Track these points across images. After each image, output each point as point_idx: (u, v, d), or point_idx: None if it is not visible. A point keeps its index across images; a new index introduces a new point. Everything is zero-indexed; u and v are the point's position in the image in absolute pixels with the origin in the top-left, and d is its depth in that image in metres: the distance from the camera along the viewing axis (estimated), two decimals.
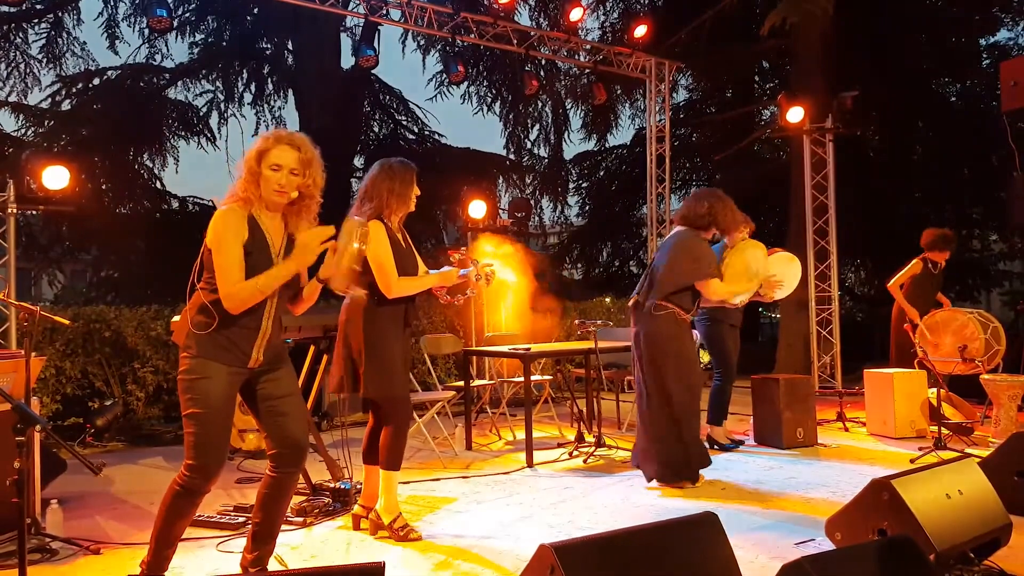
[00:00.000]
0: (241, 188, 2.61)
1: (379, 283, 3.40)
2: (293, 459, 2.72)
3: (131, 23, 12.66)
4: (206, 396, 2.54)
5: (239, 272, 2.53)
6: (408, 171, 3.53)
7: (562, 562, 2.10)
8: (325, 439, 4.51)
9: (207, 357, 2.56)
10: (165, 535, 2.63)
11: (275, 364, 2.73)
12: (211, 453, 2.57)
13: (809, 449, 5.41)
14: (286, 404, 2.71)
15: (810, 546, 3.24)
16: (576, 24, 8.95)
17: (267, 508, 2.74)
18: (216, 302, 2.55)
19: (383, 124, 14.87)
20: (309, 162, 2.66)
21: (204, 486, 2.59)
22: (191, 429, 2.55)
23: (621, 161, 16.05)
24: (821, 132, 8.69)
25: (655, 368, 4.35)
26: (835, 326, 8.78)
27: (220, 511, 3.86)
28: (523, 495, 4.30)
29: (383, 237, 3.40)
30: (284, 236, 2.69)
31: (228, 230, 2.54)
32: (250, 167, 2.61)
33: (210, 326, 2.55)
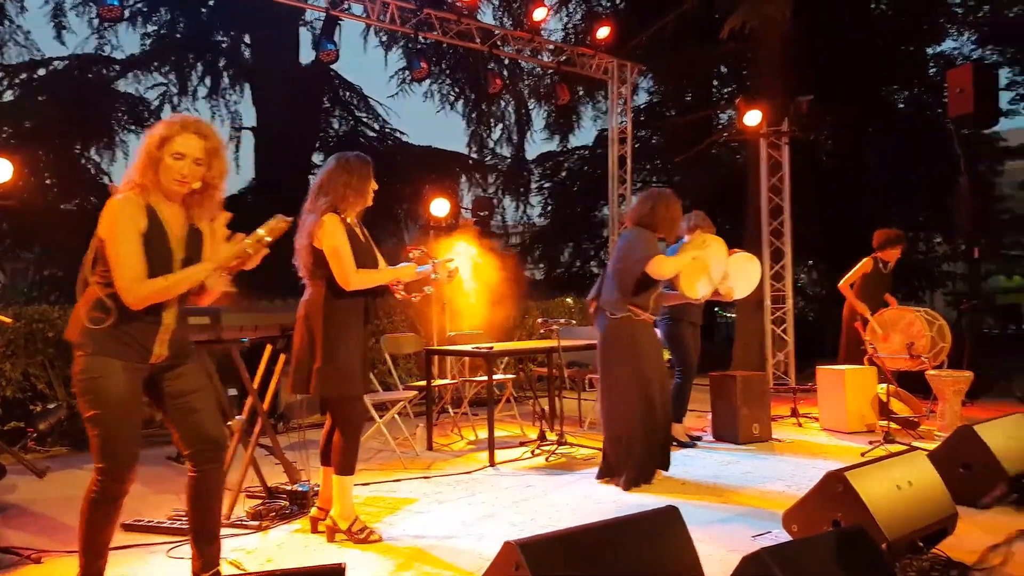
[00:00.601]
0: (138, 174, 2.47)
1: (336, 275, 3.33)
2: (212, 455, 2.61)
3: (79, 12, 12.33)
4: (106, 396, 2.40)
5: (139, 264, 2.40)
6: (364, 165, 3.48)
7: (527, 559, 2.10)
8: (282, 441, 4.44)
9: (104, 354, 2.42)
10: (91, 546, 2.51)
11: (180, 359, 2.60)
12: (119, 455, 2.44)
13: (765, 444, 5.52)
14: (196, 400, 2.59)
15: (767, 538, 3.30)
16: (540, 24, 8.98)
17: (200, 510, 2.64)
18: (109, 296, 2.42)
19: (343, 121, 14.72)
20: (215, 151, 2.55)
21: (119, 489, 2.47)
22: (95, 432, 2.42)
23: (583, 162, 16.17)
24: (777, 135, 8.86)
25: (610, 369, 4.41)
26: (789, 325, 8.97)
27: (171, 516, 3.75)
28: (485, 494, 4.29)
29: (340, 229, 3.35)
30: (185, 226, 2.56)
31: (124, 219, 2.40)
32: (150, 153, 2.47)
33: (105, 322, 2.42)
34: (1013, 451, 3.70)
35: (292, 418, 6.54)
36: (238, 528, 3.61)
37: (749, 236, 9.43)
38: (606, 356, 4.43)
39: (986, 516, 3.56)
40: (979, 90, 6.86)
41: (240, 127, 13.73)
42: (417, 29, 8.27)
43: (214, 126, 2.58)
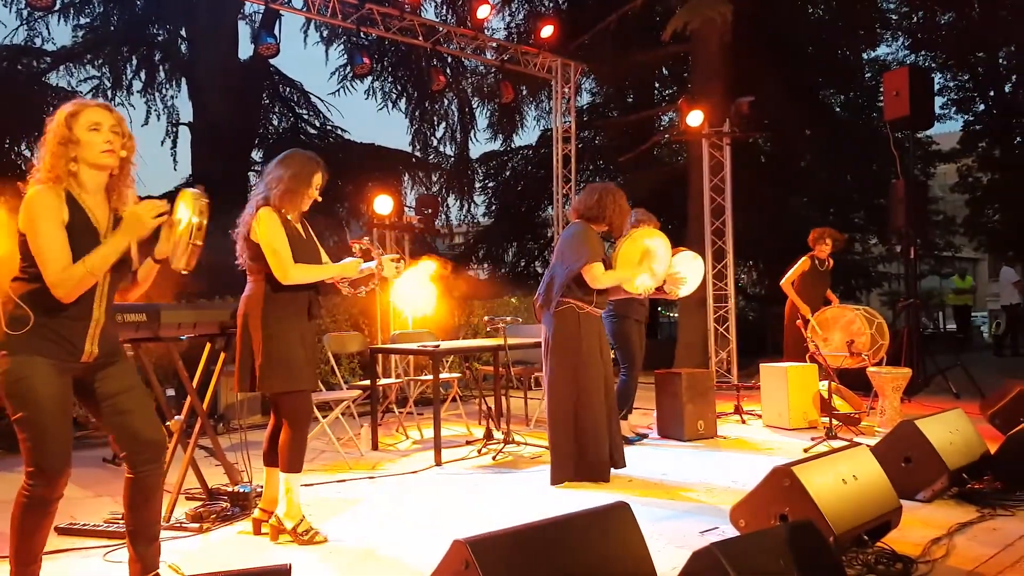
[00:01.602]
0: (48, 166, 2.35)
1: (273, 269, 3.25)
2: (147, 456, 2.51)
3: (7, 2, 11.79)
4: (33, 396, 2.30)
5: (65, 255, 2.29)
6: (307, 165, 3.40)
7: (477, 557, 2.06)
8: (223, 442, 4.30)
9: (29, 353, 2.30)
10: (24, 552, 2.40)
11: (111, 357, 2.50)
12: (50, 457, 2.33)
13: (710, 441, 5.59)
14: (128, 400, 2.49)
15: (715, 534, 3.32)
16: (483, 22, 8.95)
17: (138, 511, 2.54)
18: (34, 293, 2.31)
19: (283, 117, 14.42)
20: (123, 121, 2.47)
21: (51, 493, 2.37)
22: (24, 435, 2.31)
23: (527, 162, 16.20)
24: (719, 136, 9.02)
25: (551, 364, 4.37)
26: (731, 323, 9.13)
27: (107, 519, 3.61)
28: (432, 494, 4.23)
29: (275, 223, 3.27)
30: (110, 215, 2.46)
31: (44, 210, 2.28)
32: (60, 135, 2.36)
33: (27, 321, 2.30)
34: (953, 445, 3.80)
35: (232, 419, 6.36)
36: (177, 531, 3.51)
37: (691, 235, 9.58)
38: (549, 347, 4.40)
39: (928, 509, 3.64)
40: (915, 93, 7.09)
41: (177, 122, 13.34)
42: (359, 24, 8.15)
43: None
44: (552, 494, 4.16)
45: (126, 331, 3.39)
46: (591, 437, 4.31)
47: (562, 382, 4.33)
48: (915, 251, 7.93)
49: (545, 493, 4.18)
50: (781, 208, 13.32)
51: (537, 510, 3.82)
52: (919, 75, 7.55)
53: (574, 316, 4.32)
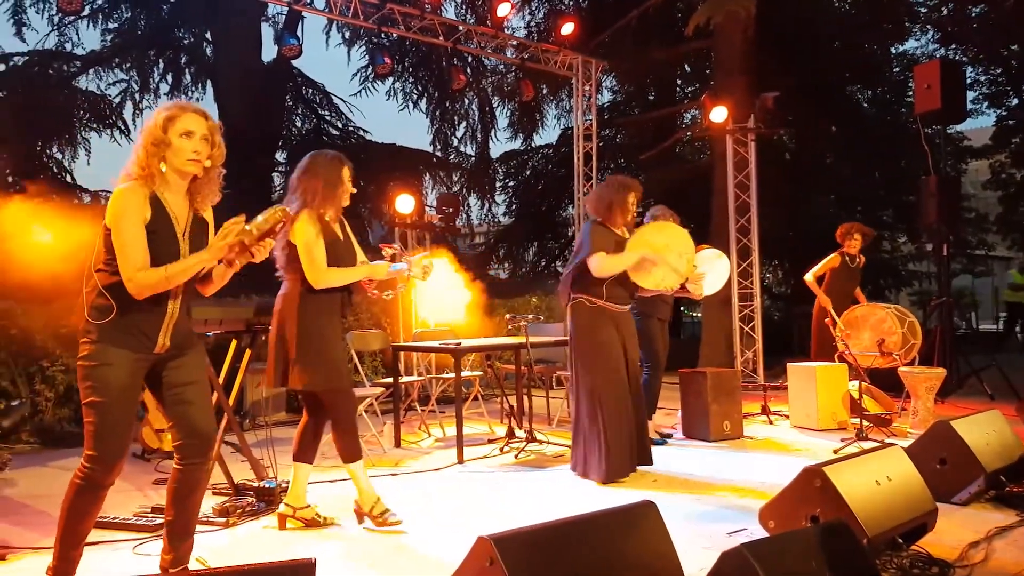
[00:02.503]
0: (140, 164, 2.43)
1: (307, 273, 3.33)
2: (199, 450, 2.56)
3: (39, 9, 12.00)
4: (106, 384, 2.38)
5: (143, 254, 2.37)
6: (336, 167, 3.46)
7: (501, 554, 2.04)
8: (248, 438, 4.32)
9: (108, 343, 2.39)
10: (70, 535, 2.47)
11: (182, 350, 2.57)
12: (111, 443, 2.40)
13: (736, 441, 5.52)
14: (191, 392, 2.56)
15: (742, 535, 3.27)
16: (503, 20, 8.93)
17: (179, 504, 2.59)
18: (116, 285, 2.38)
19: (306, 119, 14.53)
20: (216, 130, 2.54)
21: (106, 478, 2.44)
22: (91, 419, 2.39)
23: (547, 161, 16.15)
24: (743, 132, 8.92)
25: (572, 360, 4.44)
26: (757, 322, 9.02)
27: (137, 513, 3.66)
28: (455, 491, 4.22)
29: (311, 226, 3.34)
30: (190, 215, 2.53)
31: (128, 208, 2.37)
32: (155, 137, 2.42)
33: (110, 311, 2.38)
34: (990, 447, 3.71)
35: (257, 415, 6.40)
36: (204, 524, 3.53)
37: (715, 233, 9.48)
38: (570, 346, 4.46)
39: (965, 513, 3.55)
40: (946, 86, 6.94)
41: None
42: (380, 24, 8.16)
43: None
44: (575, 493, 4.12)
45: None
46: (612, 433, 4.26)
47: (580, 376, 4.34)
48: (947, 248, 7.77)
49: (568, 492, 4.15)
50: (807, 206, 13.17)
51: (560, 509, 3.79)
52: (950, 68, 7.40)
53: (586, 311, 4.35)
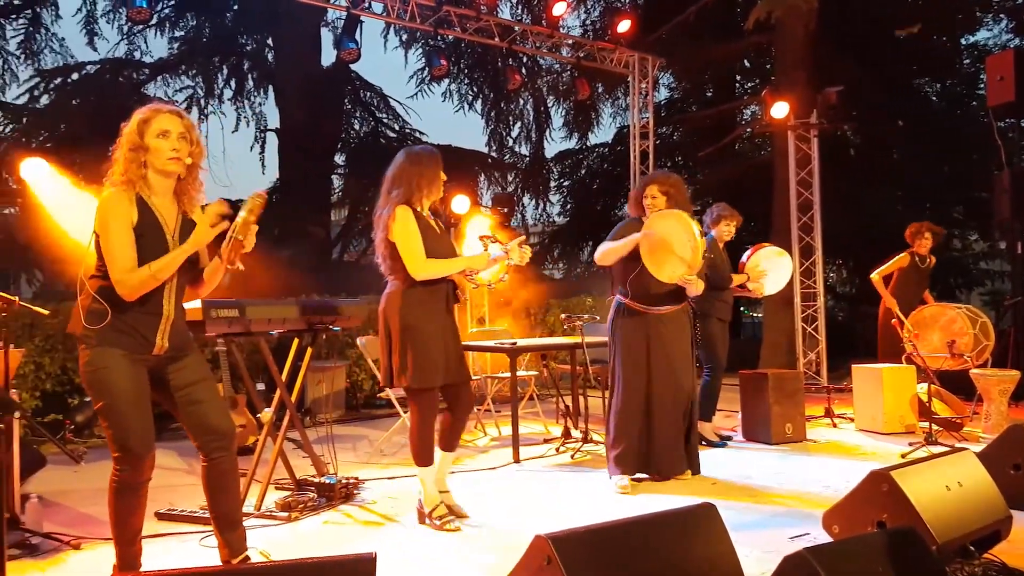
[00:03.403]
0: (121, 170, 2.47)
1: (407, 266, 3.38)
2: (218, 444, 2.61)
3: (110, 19, 12.49)
4: (112, 386, 2.42)
5: (130, 256, 2.40)
6: (433, 157, 3.53)
7: (559, 552, 2.04)
8: (309, 435, 4.41)
9: (106, 346, 2.43)
10: (123, 533, 2.55)
11: (182, 351, 2.61)
12: (131, 442, 2.45)
13: (798, 444, 5.39)
14: (199, 391, 2.60)
15: (805, 539, 3.19)
16: (559, 19, 8.90)
17: (217, 498, 2.65)
18: (107, 289, 2.42)
19: (364, 121, 14.75)
20: (192, 127, 2.55)
21: (137, 476, 2.49)
22: (106, 422, 2.44)
23: (602, 160, 16.05)
24: (806, 128, 8.71)
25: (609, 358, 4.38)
26: (820, 322, 8.80)
27: (202, 506, 3.75)
28: (511, 490, 4.23)
29: (410, 220, 3.39)
30: (178, 217, 2.56)
31: (114, 212, 2.41)
32: (132, 142, 2.46)
33: (105, 315, 2.42)
34: None
35: (318, 412, 6.53)
36: (268, 519, 3.62)
37: (777, 231, 9.29)
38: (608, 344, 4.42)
39: None
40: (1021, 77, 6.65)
41: (265, 129, 13.82)
42: (436, 26, 8.24)
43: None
44: (633, 494, 4.09)
45: (219, 326, 3.52)
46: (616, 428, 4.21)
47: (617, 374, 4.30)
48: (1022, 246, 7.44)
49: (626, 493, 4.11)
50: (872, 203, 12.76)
51: (617, 509, 3.77)
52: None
53: (620, 311, 4.30)
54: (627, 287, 4.25)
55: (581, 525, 2.23)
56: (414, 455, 3.53)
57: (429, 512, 3.53)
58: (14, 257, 11.28)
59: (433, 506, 3.53)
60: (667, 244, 4.07)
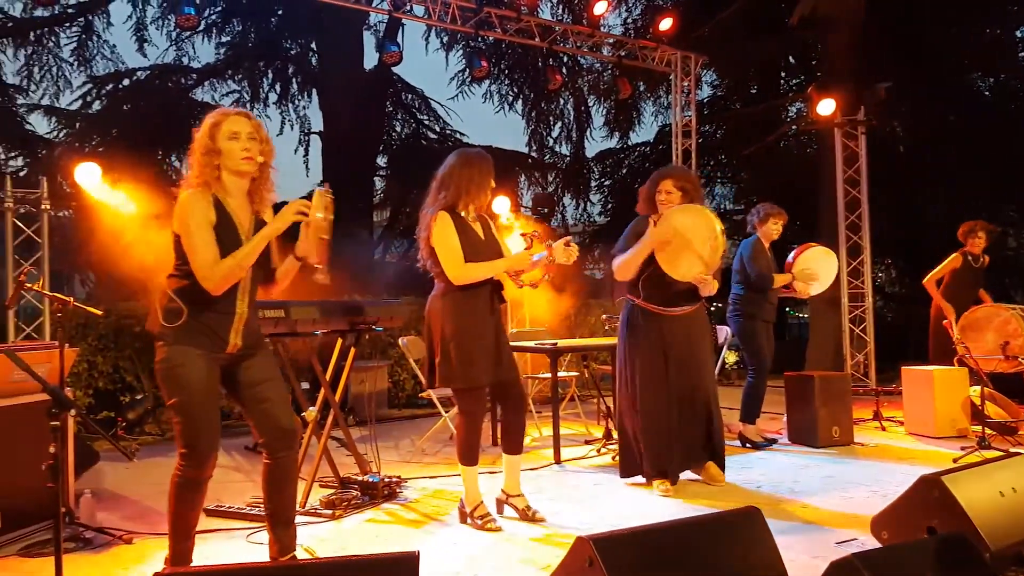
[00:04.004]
0: (196, 174, 2.54)
1: (446, 270, 3.40)
2: (283, 443, 2.67)
3: (159, 26, 12.80)
4: (186, 383, 2.48)
5: (213, 252, 2.46)
6: (485, 163, 3.53)
7: (600, 554, 2.04)
8: (353, 434, 4.47)
9: (182, 343, 2.50)
10: (179, 528, 2.61)
11: (253, 349, 2.67)
12: (199, 439, 2.51)
13: (846, 448, 5.28)
14: (268, 389, 2.66)
15: (852, 545, 3.13)
16: (600, 18, 8.85)
17: (274, 495, 2.70)
18: (185, 289, 2.49)
19: (405, 123, 14.87)
20: (260, 127, 2.62)
21: (201, 473, 2.55)
22: (176, 418, 2.51)
23: (644, 159, 15.91)
24: (853, 125, 8.52)
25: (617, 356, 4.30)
26: (869, 324, 8.61)
27: (249, 503, 3.84)
28: (552, 491, 4.23)
29: (448, 226, 3.40)
30: (252, 218, 2.62)
31: (194, 212, 2.48)
32: (204, 145, 2.53)
33: (181, 314, 2.49)
34: None
35: (361, 412, 6.61)
36: (312, 516, 3.68)
37: (823, 231, 9.11)
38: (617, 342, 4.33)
39: None
40: None
41: (309, 132, 14.02)
42: (477, 28, 8.27)
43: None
44: (675, 497, 4.05)
45: (265, 326, 3.59)
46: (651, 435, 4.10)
47: (620, 376, 4.23)
48: None
49: (668, 493, 4.07)
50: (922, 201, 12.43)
51: (659, 512, 3.74)
52: None
53: (627, 311, 4.21)
54: (640, 288, 4.11)
55: (623, 527, 2.23)
56: (459, 454, 3.54)
57: (471, 511, 3.55)
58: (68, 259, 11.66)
59: (474, 505, 3.55)
60: (685, 239, 3.94)
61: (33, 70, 11.79)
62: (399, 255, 14.79)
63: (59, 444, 2.02)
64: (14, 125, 11.16)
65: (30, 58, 11.74)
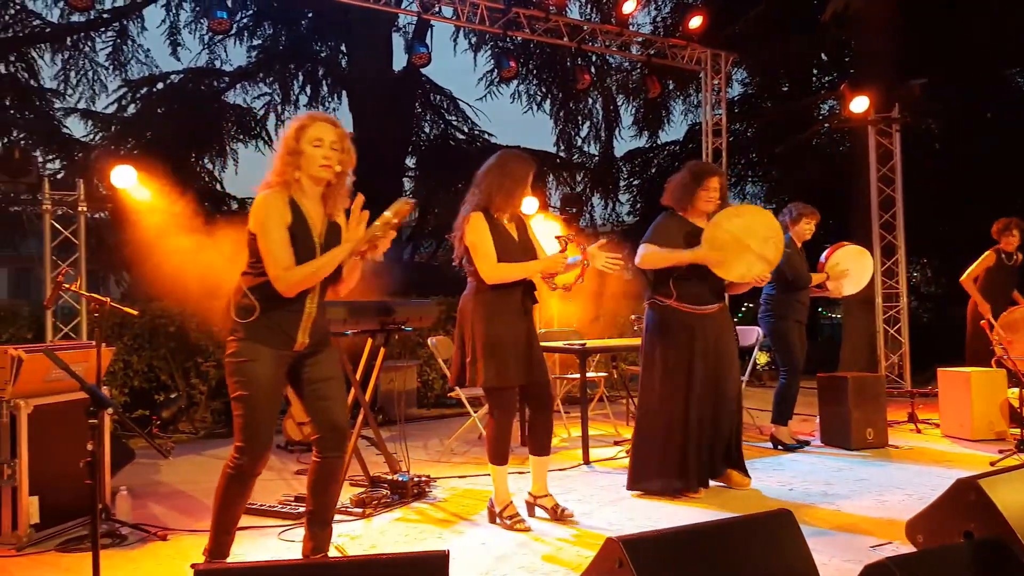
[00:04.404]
0: (278, 172, 2.59)
1: (479, 270, 3.41)
2: (335, 443, 2.70)
3: (192, 30, 13.00)
4: (253, 378, 2.54)
5: (288, 254, 2.52)
6: (525, 167, 3.51)
7: (630, 556, 2.02)
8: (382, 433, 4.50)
9: (253, 340, 2.55)
10: (222, 521, 2.65)
11: (319, 347, 2.72)
12: (258, 434, 2.57)
13: (880, 450, 5.20)
14: (329, 388, 2.70)
15: (887, 549, 3.09)
16: (628, 17, 8.81)
17: (318, 494, 2.73)
18: (259, 287, 2.54)
19: (434, 124, 14.92)
20: (345, 136, 2.67)
21: (254, 468, 2.60)
22: (239, 411, 2.56)
23: (673, 158, 15.78)
24: (887, 122, 8.38)
25: (642, 358, 4.17)
26: (903, 324, 8.46)
27: (281, 501, 3.90)
28: (581, 491, 4.23)
29: (481, 226, 3.42)
30: (325, 220, 2.66)
31: (271, 213, 2.53)
32: (289, 146, 2.58)
33: (254, 311, 2.54)
34: None
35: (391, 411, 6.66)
36: (343, 515, 3.70)
37: (856, 230, 8.97)
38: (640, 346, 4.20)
39: None
40: None
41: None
42: (506, 29, 8.27)
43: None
44: (705, 499, 4.02)
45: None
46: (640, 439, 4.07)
47: (644, 381, 4.14)
48: None
49: (696, 498, 4.04)
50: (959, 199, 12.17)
51: (689, 515, 3.72)
52: None
53: (656, 311, 4.09)
54: (671, 287, 4.00)
55: (652, 528, 2.21)
56: (489, 453, 3.55)
57: (500, 511, 3.56)
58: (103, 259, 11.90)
59: (504, 505, 3.55)
60: (741, 243, 3.94)
61: (70, 74, 12.06)
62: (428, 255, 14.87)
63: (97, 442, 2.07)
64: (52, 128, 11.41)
65: (67, 63, 12.00)
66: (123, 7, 12.24)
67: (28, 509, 3.26)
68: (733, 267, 3.96)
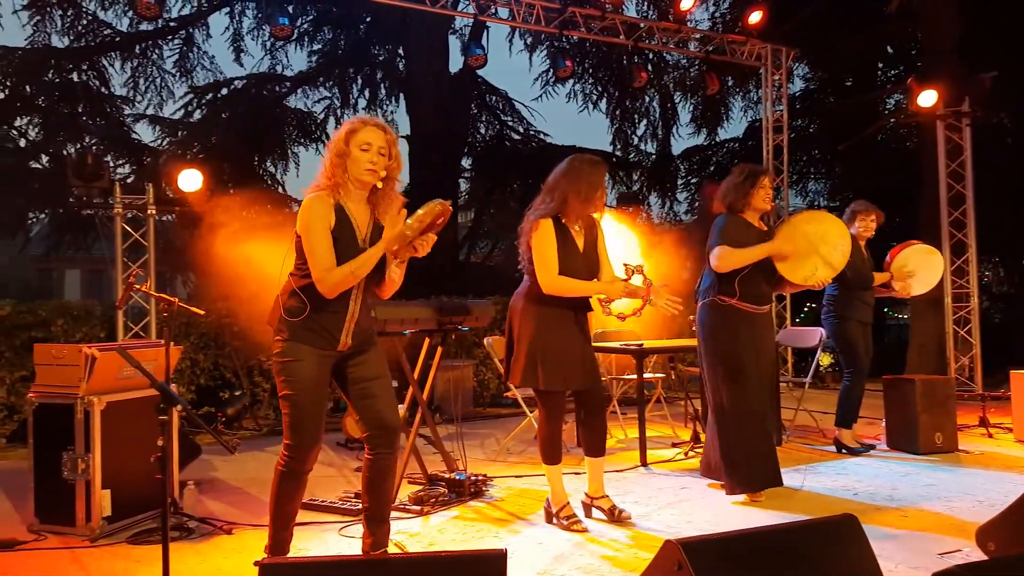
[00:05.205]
0: (327, 174, 2.64)
1: (539, 277, 3.41)
2: (385, 440, 2.74)
3: (254, 36, 13.35)
4: (299, 378, 2.60)
5: (330, 256, 2.57)
6: (596, 171, 3.49)
7: (690, 558, 2.00)
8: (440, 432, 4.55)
9: (299, 340, 2.62)
10: (279, 517, 2.72)
11: (364, 347, 2.76)
12: (305, 432, 2.62)
13: (949, 455, 5.03)
14: (375, 386, 2.75)
15: (956, 556, 2.99)
16: (686, 13, 8.71)
17: (372, 491, 2.78)
18: (306, 287, 2.60)
19: (489, 125, 14.99)
20: (394, 143, 2.71)
21: (304, 464, 2.66)
22: (286, 410, 2.62)
23: (732, 155, 15.50)
24: (957, 116, 8.08)
25: (703, 363, 4.13)
26: (974, 325, 8.15)
27: (341, 497, 3.97)
28: (638, 493, 4.20)
29: (548, 234, 3.42)
30: (370, 223, 2.71)
31: (315, 216, 2.59)
32: (339, 148, 2.63)
33: (302, 311, 2.60)
34: None
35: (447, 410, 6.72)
36: (401, 512, 3.76)
37: (925, 228, 8.67)
38: (701, 348, 4.13)
39: None
40: None
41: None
42: (562, 28, 8.26)
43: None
44: (765, 503, 3.94)
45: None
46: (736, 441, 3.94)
47: (708, 379, 4.08)
48: None
49: (758, 500, 3.96)
50: None
51: (749, 518, 3.66)
52: None
53: (717, 310, 3.99)
54: (736, 286, 3.94)
55: (711, 531, 2.18)
56: (542, 454, 3.57)
57: (557, 511, 3.56)
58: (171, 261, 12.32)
59: (560, 505, 3.56)
60: (812, 246, 4.01)
61: (139, 81, 12.50)
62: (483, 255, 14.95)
63: (166, 437, 2.15)
64: (122, 134, 11.87)
65: (136, 70, 12.44)
66: (189, 15, 12.65)
67: (101, 502, 3.39)
68: (799, 268, 3.99)
